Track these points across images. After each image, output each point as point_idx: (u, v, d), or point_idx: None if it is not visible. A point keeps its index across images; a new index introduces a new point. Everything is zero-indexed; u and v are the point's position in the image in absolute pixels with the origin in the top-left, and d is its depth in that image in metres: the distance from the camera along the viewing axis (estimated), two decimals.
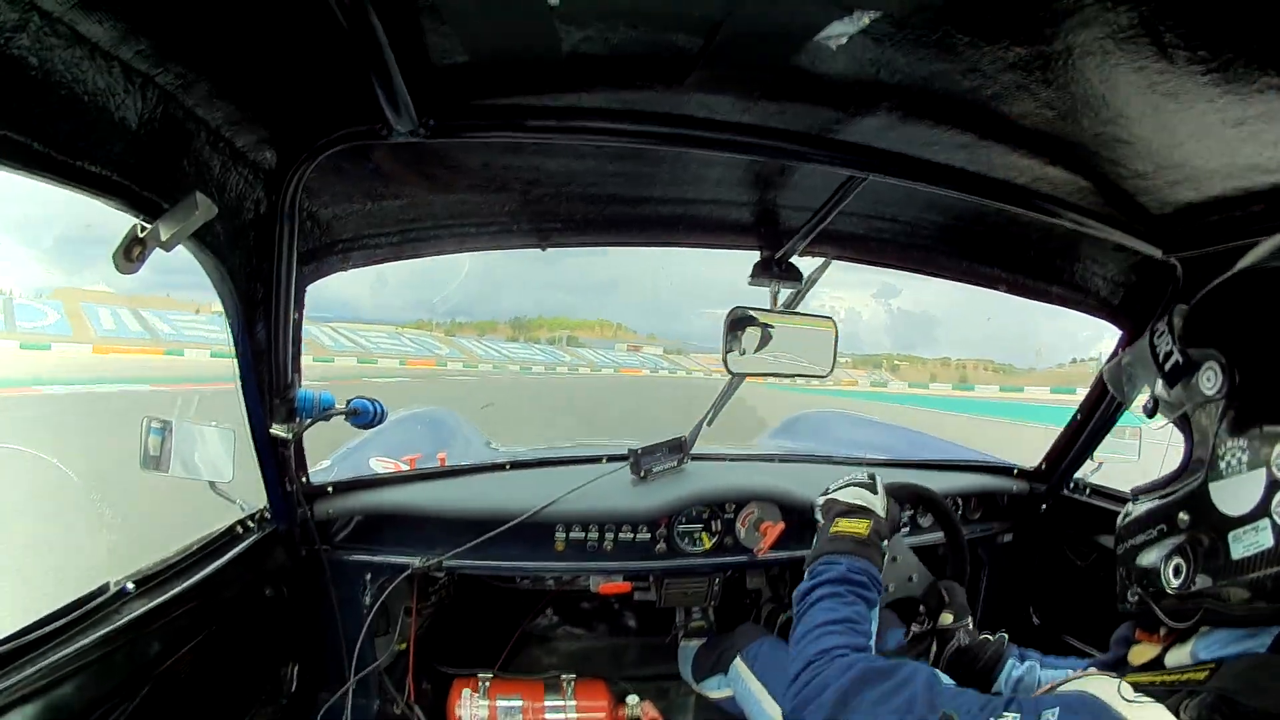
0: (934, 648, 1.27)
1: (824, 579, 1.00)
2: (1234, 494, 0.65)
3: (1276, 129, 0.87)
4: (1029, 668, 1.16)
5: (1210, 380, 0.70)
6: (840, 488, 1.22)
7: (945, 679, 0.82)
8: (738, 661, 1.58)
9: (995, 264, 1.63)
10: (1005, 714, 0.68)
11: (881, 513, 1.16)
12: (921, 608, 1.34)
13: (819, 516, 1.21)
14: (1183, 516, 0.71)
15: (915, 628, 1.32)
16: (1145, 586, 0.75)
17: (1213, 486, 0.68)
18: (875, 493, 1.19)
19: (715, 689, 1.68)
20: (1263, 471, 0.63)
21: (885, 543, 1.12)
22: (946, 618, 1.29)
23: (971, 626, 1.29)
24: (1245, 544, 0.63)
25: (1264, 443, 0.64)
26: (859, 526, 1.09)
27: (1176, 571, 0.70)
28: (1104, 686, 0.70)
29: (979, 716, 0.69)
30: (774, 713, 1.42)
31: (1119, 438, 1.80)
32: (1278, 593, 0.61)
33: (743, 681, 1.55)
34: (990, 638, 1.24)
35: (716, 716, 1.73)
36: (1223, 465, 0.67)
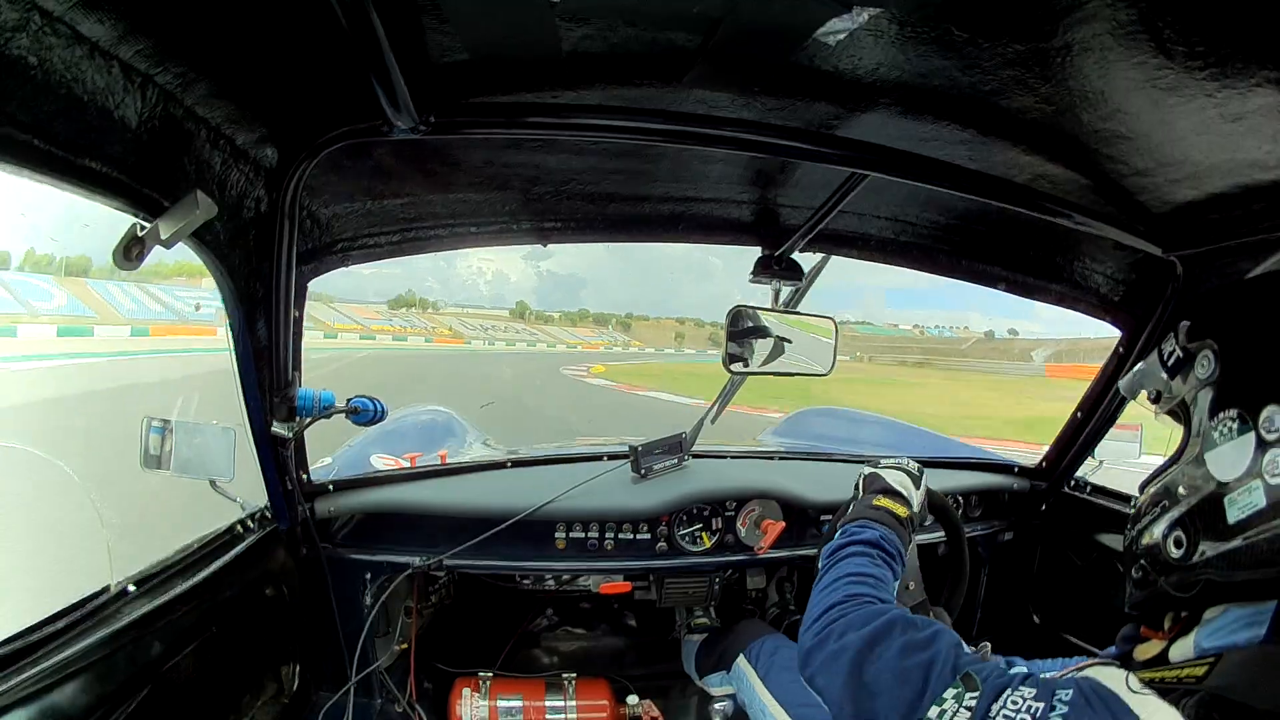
0: None
1: (858, 539, 1.00)
2: (1227, 460, 0.68)
3: (1276, 124, 0.87)
4: (1016, 672, 1.17)
5: (1205, 365, 0.74)
6: (888, 468, 1.20)
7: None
8: (740, 659, 1.57)
9: (996, 262, 1.63)
10: (1021, 688, 0.68)
11: (917, 507, 1.15)
12: None
13: (859, 486, 1.20)
14: (1181, 490, 0.74)
15: None
16: (1151, 563, 0.77)
17: (1208, 456, 0.70)
18: (918, 487, 1.18)
19: (717, 685, 1.67)
20: (1251, 435, 0.66)
21: (913, 536, 1.11)
22: None
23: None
24: (1240, 506, 0.66)
25: (1252, 408, 0.66)
26: (899, 508, 1.09)
27: (1178, 543, 0.72)
28: (1113, 676, 0.71)
29: (996, 684, 0.70)
30: (776, 711, 1.41)
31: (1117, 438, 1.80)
32: (1273, 554, 0.63)
33: (745, 679, 1.53)
34: (976, 646, 1.24)
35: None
36: (1216, 436, 0.70)
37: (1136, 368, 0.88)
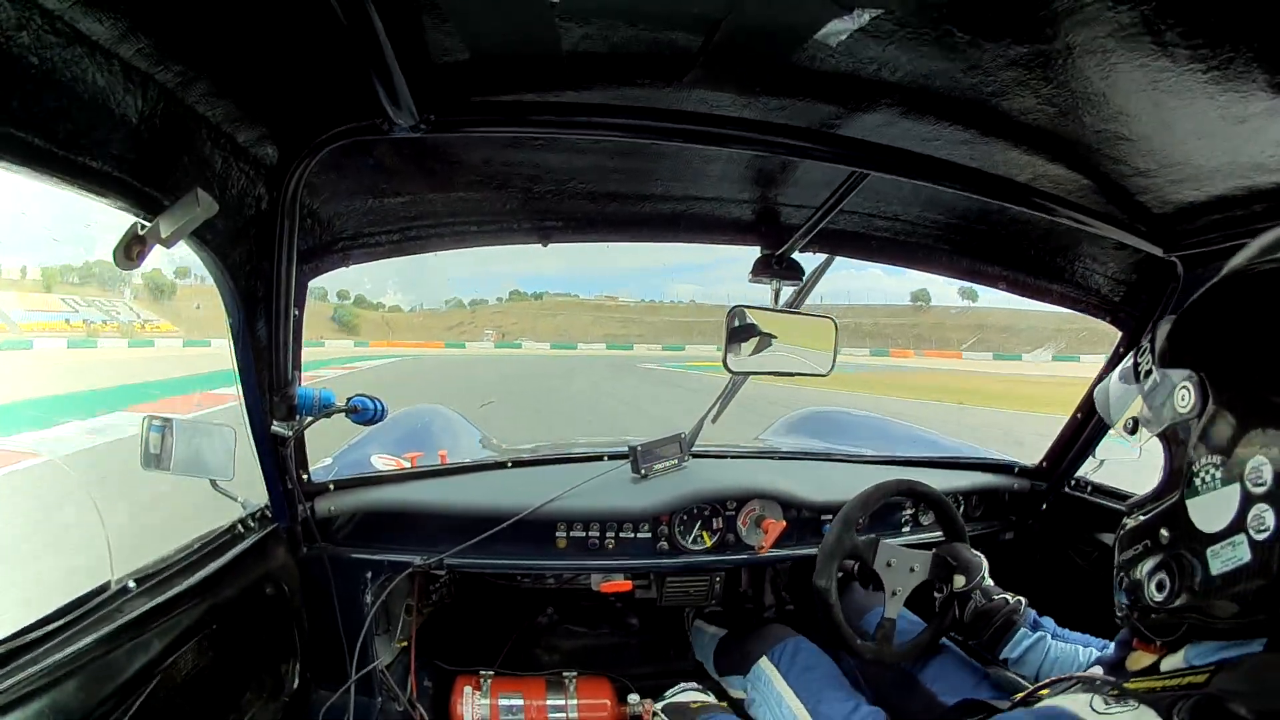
0: (957, 611, 1.36)
1: None
2: (1210, 511, 0.65)
3: (1278, 127, 0.87)
4: (1039, 639, 1.24)
5: (1185, 398, 0.69)
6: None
7: None
8: (763, 660, 1.53)
9: (996, 262, 1.62)
10: None
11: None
12: (936, 585, 1.40)
13: None
14: (1163, 533, 0.71)
15: (936, 595, 1.39)
16: (1133, 600, 0.75)
17: (1190, 504, 0.67)
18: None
19: (736, 688, 1.63)
20: (1236, 487, 0.62)
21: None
22: (959, 580, 1.36)
23: (987, 577, 1.37)
24: (1224, 559, 0.63)
25: (1237, 459, 0.62)
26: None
27: (1160, 586, 0.70)
28: (1076, 700, 0.71)
29: None
30: (796, 706, 1.39)
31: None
32: (1259, 605, 0.61)
33: (766, 677, 1.49)
34: (1009, 599, 1.32)
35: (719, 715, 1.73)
36: (1198, 482, 0.66)
37: (1110, 382, 0.84)
